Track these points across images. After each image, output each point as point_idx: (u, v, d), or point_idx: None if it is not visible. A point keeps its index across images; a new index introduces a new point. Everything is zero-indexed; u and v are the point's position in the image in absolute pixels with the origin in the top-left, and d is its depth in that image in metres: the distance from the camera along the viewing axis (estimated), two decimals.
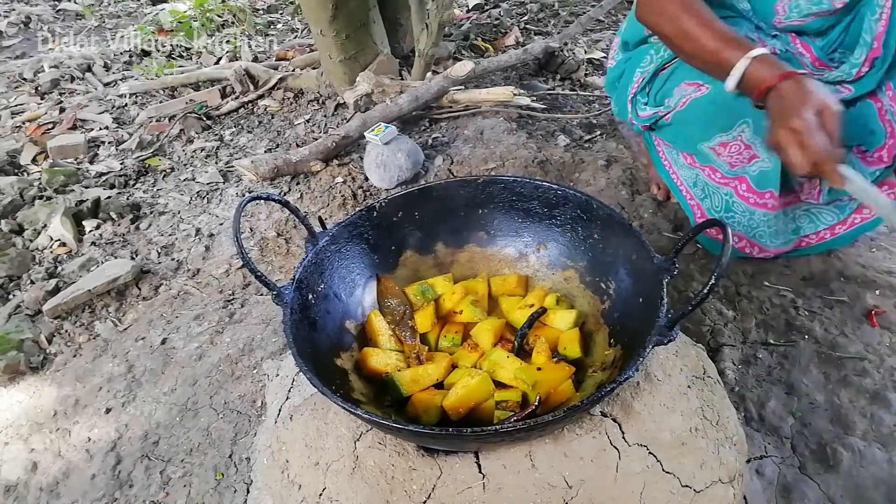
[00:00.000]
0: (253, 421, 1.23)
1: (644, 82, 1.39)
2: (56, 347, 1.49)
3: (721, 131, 1.24)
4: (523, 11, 3.20)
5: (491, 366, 0.97)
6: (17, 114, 2.70)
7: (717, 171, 1.35)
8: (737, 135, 1.22)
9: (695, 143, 1.31)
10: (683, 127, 1.33)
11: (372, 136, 1.81)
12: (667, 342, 0.78)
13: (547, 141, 2.01)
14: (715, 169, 1.35)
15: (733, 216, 1.34)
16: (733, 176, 1.31)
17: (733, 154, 1.25)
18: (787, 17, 1.20)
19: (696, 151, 1.34)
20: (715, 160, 1.30)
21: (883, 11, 1.11)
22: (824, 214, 1.34)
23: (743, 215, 1.32)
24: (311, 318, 0.96)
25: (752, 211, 1.30)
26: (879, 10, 1.12)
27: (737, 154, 1.24)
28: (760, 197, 1.28)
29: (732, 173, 1.30)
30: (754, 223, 1.33)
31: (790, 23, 1.21)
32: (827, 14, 1.18)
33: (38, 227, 1.88)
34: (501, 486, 0.82)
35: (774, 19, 1.22)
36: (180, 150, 2.31)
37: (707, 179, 1.38)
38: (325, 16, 2.08)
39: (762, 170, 1.24)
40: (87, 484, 1.16)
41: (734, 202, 1.33)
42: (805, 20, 1.20)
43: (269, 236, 1.75)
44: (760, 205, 1.29)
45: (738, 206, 1.33)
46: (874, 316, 1.29)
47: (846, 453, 1.06)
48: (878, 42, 1.14)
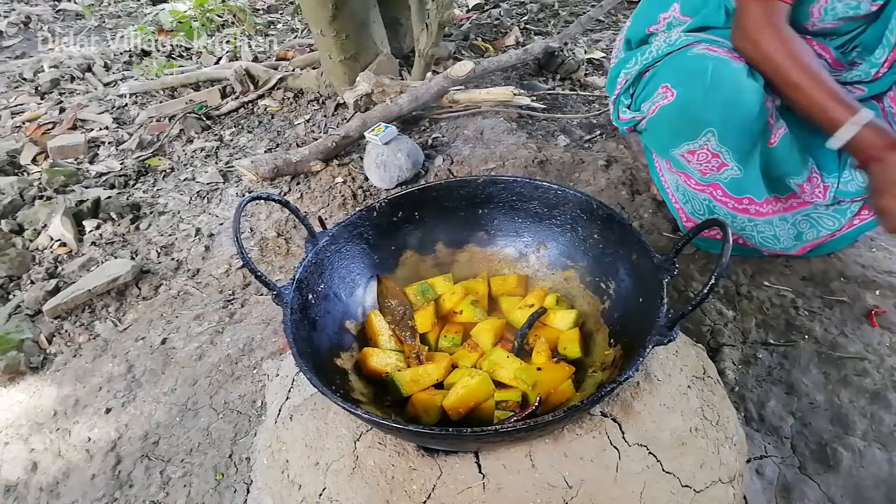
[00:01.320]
0: (253, 421, 1.23)
1: (627, 84, 1.37)
2: (56, 347, 1.49)
3: (687, 140, 1.22)
4: (523, 11, 3.20)
5: (491, 366, 0.97)
6: (17, 114, 2.70)
7: (691, 178, 1.34)
8: (702, 143, 1.19)
9: (666, 150, 1.30)
10: (655, 133, 1.32)
11: (372, 136, 1.81)
12: (667, 342, 0.78)
13: (547, 141, 2.01)
14: (689, 175, 1.34)
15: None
16: (707, 183, 1.30)
17: (702, 162, 1.24)
18: (822, 20, 1.17)
19: (670, 157, 1.33)
20: (687, 167, 1.30)
21: None
22: (825, 220, 1.32)
23: (725, 219, 1.30)
24: (311, 318, 0.96)
25: (733, 215, 1.30)
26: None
27: (705, 162, 1.23)
28: (738, 202, 1.27)
29: (705, 180, 1.30)
30: (737, 226, 1.32)
31: (823, 26, 1.18)
32: (861, 18, 1.16)
33: (38, 227, 1.88)
34: (501, 486, 0.82)
35: (808, 22, 1.18)
36: (180, 150, 2.31)
37: (685, 185, 1.38)
38: (325, 16, 2.08)
39: (733, 178, 1.23)
40: (87, 484, 1.16)
41: (715, 206, 1.33)
42: (838, 23, 1.17)
43: (269, 236, 1.75)
44: (741, 210, 1.28)
45: (720, 210, 1.32)
46: (874, 316, 1.29)
47: (846, 453, 1.06)
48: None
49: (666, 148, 1.30)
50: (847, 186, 1.22)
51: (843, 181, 1.22)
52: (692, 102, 1.14)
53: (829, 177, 1.22)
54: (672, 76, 1.20)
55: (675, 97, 1.19)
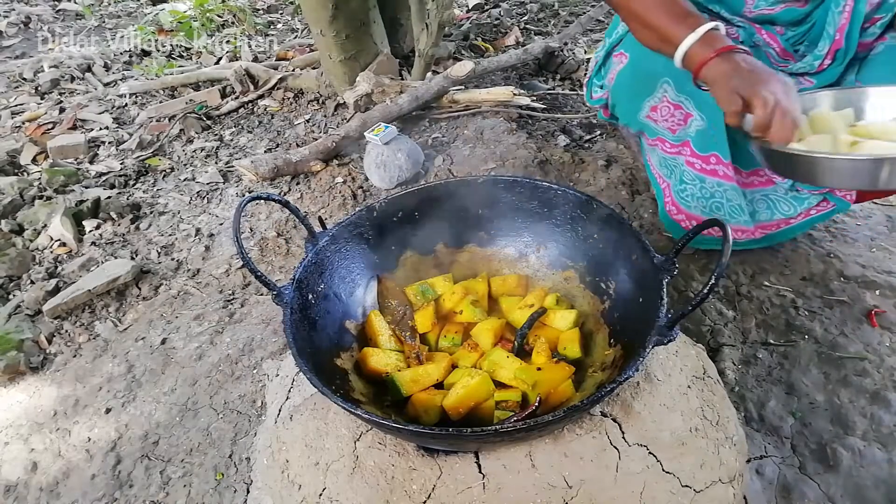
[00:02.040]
0: (253, 421, 1.23)
1: (598, 65, 1.44)
2: (56, 347, 1.49)
3: (647, 96, 1.27)
4: (523, 11, 3.20)
5: (491, 366, 0.97)
6: (17, 114, 2.70)
7: (666, 142, 1.36)
8: (661, 95, 1.24)
9: (634, 116, 1.34)
10: (620, 101, 1.38)
11: (372, 136, 1.81)
12: (667, 342, 0.78)
13: (547, 141, 2.01)
14: (664, 140, 1.36)
15: (685, 188, 1.34)
16: (679, 142, 1.32)
17: (666, 117, 1.27)
18: (756, 6, 1.21)
19: (642, 125, 1.36)
20: (657, 129, 1.32)
21: (846, 4, 1.12)
22: (781, 204, 1.35)
23: (693, 184, 1.32)
24: (311, 318, 0.96)
25: (701, 178, 1.30)
26: (843, 3, 1.12)
27: (669, 116, 1.26)
28: (706, 162, 1.27)
29: (676, 139, 1.31)
30: (707, 192, 1.31)
31: (760, 12, 1.21)
32: (794, 4, 1.18)
33: (38, 227, 1.88)
34: (501, 486, 0.82)
35: (745, 9, 1.22)
36: (180, 150, 2.31)
37: (662, 153, 1.39)
38: (325, 16, 2.08)
39: (699, 129, 1.24)
40: (87, 484, 1.16)
41: (684, 172, 1.33)
42: (774, 9, 1.20)
43: (269, 236, 1.75)
44: (709, 171, 1.28)
45: (688, 175, 1.32)
46: (874, 316, 1.29)
47: (846, 453, 1.06)
48: (840, 34, 1.14)
49: (633, 114, 1.34)
50: None
51: None
52: (642, 58, 1.18)
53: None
54: (625, 45, 1.31)
55: (627, 59, 1.30)
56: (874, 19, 1.15)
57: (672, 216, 1.42)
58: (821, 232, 1.53)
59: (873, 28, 1.16)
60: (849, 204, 1.32)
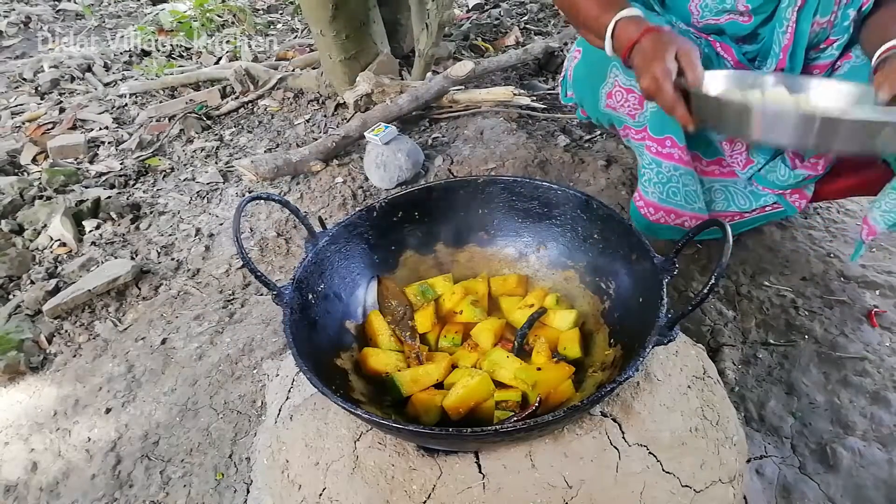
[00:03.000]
0: (253, 421, 1.23)
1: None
2: (56, 347, 1.49)
3: (599, 83, 1.29)
4: (523, 11, 3.20)
5: (491, 366, 0.97)
6: (17, 114, 2.70)
7: (631, 129, 1.36)
8: (612, 80, 1.25)
9: (596, 108, 1.35)
10: (581, 96, 1.39)
11: (372, 136, 1.81)
12: (667, 342, 0.78)
13: (547, 141, 2.01)
14: (628, 127, 1.35)
15: (643, 173, 1.33)
16: (640, 128, 1.31)
17: (622, 102, 1.27)
18: (702, 17, 1.21)
19: (608, 117, 1.37)
20: (620, 117, 1.32)
21: (789, 25, 1.12)
22: (739, 197, 1.36)
23: (651, 168, 1.31)
24: (311, 318, 0.96)
25: (658, 162, 1.29)
26: (786, 24, 1.13)
27: (624, 102, 1.27)
28: (661, 145, 1.26)
29: (637, 125, 1.31)
30: (664, 177, 1.30)
31: (706, 22, 1.22)
32: (738, 17, 1.19)
33: (38, 227, 1.88)
34: (501, 486, 0.82)
35: (693, 18, 1.23)
36: (180, 150, 2.31)
37: (632, 141, 1.39)
38: (325, 16, 2.08)
39: (652, 111, 1.24)
40: (87, 484, 1.16)
41: (643, 155, 1.33)
42: (719, 19, 1.21)
43: (269, 236, 1.75)
44: (665, 155, 1.27)
45: (646, 159, 1.32)
46: (874, 316, 1.29)
47: (846, 453, 1.06)
48: (783, 54, 1.15)
49: (594, 106, 1.35)
50: (769, 176, 1.27)
51: (769, 168, 1.27)
52: (592, 49, 1.20)
53: (758, 155, 1.27)
54: (580, 40, 1.33)
55: (580, 53, 1.34)
56: (830, 41, 1.16)
57: (636, 204, 1.41)
58: (821, 232, 1.53)
59: (831, 49, 1.16)
60: (795, 209, 1.35)
